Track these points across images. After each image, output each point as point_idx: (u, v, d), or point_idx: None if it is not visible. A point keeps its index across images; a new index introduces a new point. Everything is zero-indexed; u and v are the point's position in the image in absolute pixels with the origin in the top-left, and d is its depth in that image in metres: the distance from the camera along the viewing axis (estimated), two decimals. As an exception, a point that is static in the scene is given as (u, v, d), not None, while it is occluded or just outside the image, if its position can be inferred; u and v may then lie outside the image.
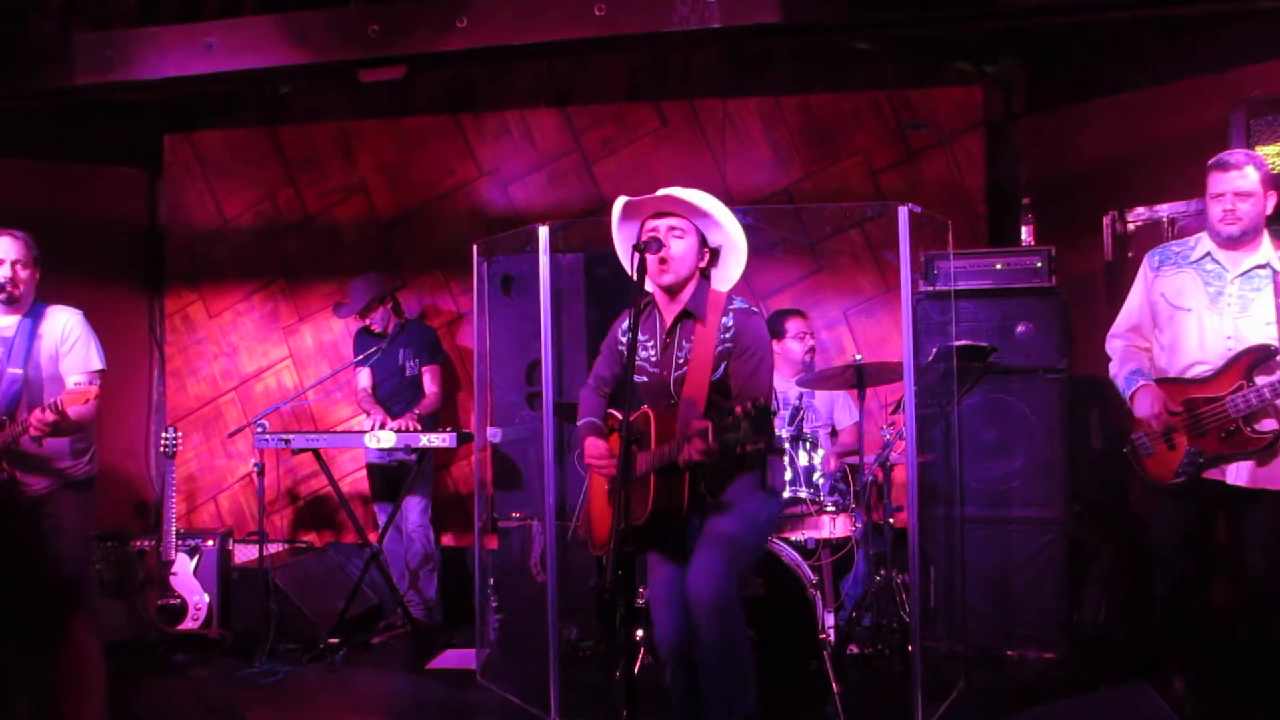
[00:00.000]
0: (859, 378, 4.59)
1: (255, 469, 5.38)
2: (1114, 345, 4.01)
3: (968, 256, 4.98)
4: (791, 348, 5.16)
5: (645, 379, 3.33)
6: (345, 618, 5.41)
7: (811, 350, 5.27)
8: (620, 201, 3.32)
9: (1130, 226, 5.28)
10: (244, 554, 5.84)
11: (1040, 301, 4.87)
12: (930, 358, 4.69)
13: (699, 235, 3.25)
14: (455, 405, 6.29)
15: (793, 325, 5.19)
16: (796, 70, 6.12)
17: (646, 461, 3.13)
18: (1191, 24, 5.07)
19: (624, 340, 3.40)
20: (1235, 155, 3.72)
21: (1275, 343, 3.59)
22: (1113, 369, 3.99)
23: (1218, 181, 3.69)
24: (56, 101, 5.28)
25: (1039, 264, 4.89)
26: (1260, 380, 3.57)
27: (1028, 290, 4.89)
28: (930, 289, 4.98)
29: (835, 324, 5.94)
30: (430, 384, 5.78)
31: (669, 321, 3.30)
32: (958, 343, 4.60)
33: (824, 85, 6.07)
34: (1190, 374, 3.74)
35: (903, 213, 4.02)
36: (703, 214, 3.23)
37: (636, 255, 3.08)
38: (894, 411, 4.79)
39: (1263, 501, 3.66)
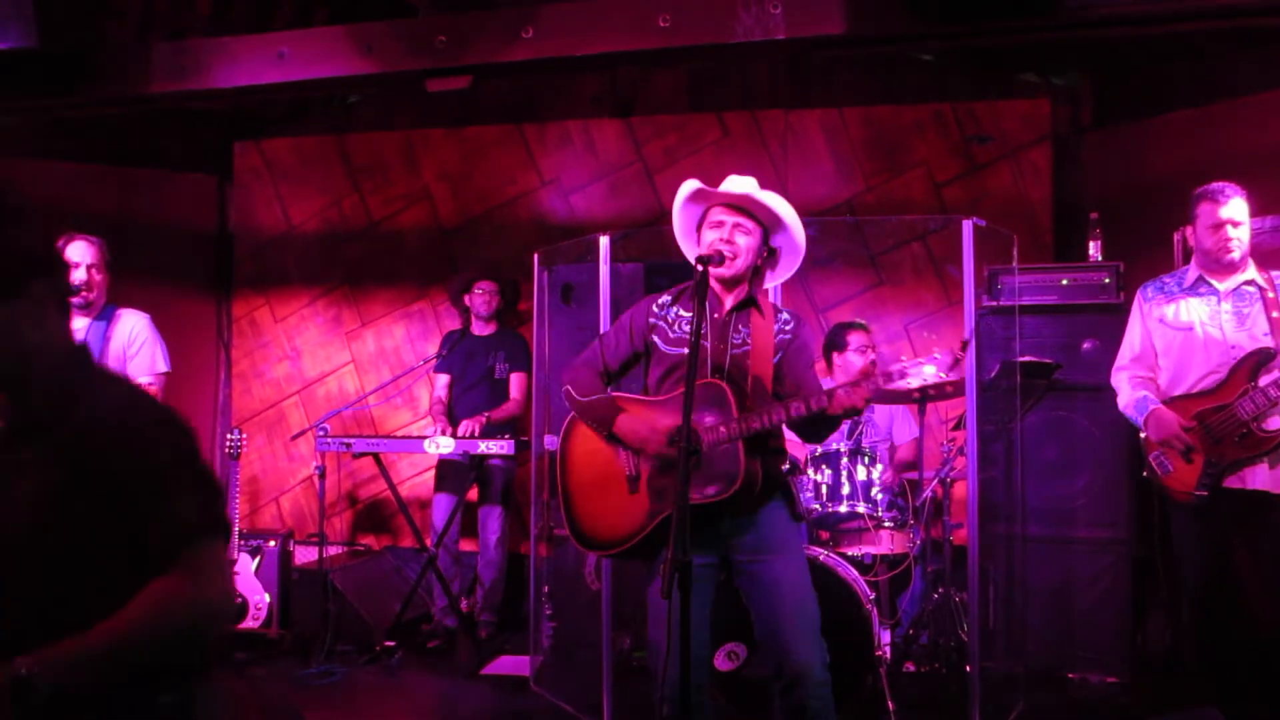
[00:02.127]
0: (920, 392, 4.54)
1: (317, 472, 5.44)
2: (1120, 379, 4.04)
3: (1033, 271, 4.90)
4: (852, 360, 5.11)
5: (686, 350, 3.01)
6: (401, 621, 5.45)
7: (872, 364, 5.22)
8: (692, 185, 3.24)
9: (1201, 243, 5.16)
10: (304, 555, 5.93)
11: (1107, 318, 4.75)
12: (993, 374, 4.62)
13: (762, 234, 3.23)
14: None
15: (854, 338, 5.15)
16: (859, 82, 6.09)
17: (726, 433, 2.99)
18: (1268, 35, 4.95)
19: (660, 322, 3.24)
20: (1225, 187, 3.84)
21: (1273, 346, 3.71)
22: (1121, 400, 4.01)
23: (1211, 213, 3.84)
24: (133, 108, 5.40)
25: (1106, 280, 4.81)
26: (1264, 380, 3.65)
27: (1094, 306, 4.81)
28: (994, 304, 4.90)
29: (896, 337, 5.87)
30: (516, 389, 5.76)
31: (727, 305, 3.21)
32: (1021, 359, 4.53)
33: (887, 97, 6.03)
34: (1198, 389, 3.81)
35: (967, 226, 3.98)
36: (775, 218, 3.21)
37: (700, 262, 3.04)
38: (955, 427, 4.73)
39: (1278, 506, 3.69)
